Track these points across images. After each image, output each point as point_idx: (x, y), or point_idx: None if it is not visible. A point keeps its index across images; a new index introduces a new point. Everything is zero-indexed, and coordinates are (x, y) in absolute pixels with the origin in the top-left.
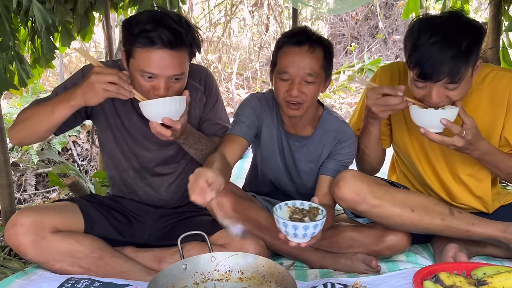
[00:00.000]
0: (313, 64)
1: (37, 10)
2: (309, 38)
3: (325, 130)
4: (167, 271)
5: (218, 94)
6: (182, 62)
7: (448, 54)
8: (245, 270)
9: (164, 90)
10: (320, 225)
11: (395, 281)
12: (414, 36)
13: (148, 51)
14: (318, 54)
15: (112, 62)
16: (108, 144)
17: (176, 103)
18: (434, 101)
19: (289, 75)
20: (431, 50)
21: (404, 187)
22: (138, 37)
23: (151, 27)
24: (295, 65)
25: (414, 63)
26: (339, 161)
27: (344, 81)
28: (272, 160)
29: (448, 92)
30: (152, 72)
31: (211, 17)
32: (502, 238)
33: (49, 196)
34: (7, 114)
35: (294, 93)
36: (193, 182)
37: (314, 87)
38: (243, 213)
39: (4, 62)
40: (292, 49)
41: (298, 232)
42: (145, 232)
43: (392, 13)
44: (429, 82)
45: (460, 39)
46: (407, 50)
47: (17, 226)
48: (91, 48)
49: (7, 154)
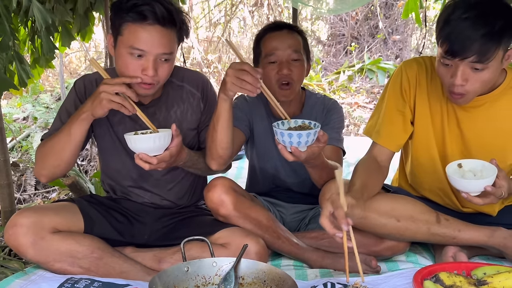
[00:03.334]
0: (295, 43)
1: (37, 10)
2: (286, 25)
3: (311, 106)
4: (170, 270)
5: (216, 102)
6: (171, 40)
7: (480, 31)
8: (246, 276)
9: (152, 70)
10: (312, 135)
11: (395, 281)
12: (448, 10)
13: (138, 26)
14: (296, 36)
15: (113, 70)
16: (105, 154)
17: (158, 139)
18: (458, 82)
19: (276, 57)
20: (462, 25)
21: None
22: (129, 12)
23: (143, 1)
24: (280, 45)
25: (443, 37)
26: (332, 127)
27: (344, 81)
28: (269, 153)
29: (473, 75)
30: (142, 49)
31: (211, 17)
32: (490, 243)
33: (49, 196)
34: (7, 114)
35: (284, 71)
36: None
37: (300, 65)
38: (244, 211)
39: (4, 62)
40: (273, 34)
41: (293, 140)
42: (145, 232)
43: (392, 13)
44: (456, 60)
45: (495, 19)
46: (439, 25)
47: (17, 226)
48: (91, 48)
49: (7, 154)
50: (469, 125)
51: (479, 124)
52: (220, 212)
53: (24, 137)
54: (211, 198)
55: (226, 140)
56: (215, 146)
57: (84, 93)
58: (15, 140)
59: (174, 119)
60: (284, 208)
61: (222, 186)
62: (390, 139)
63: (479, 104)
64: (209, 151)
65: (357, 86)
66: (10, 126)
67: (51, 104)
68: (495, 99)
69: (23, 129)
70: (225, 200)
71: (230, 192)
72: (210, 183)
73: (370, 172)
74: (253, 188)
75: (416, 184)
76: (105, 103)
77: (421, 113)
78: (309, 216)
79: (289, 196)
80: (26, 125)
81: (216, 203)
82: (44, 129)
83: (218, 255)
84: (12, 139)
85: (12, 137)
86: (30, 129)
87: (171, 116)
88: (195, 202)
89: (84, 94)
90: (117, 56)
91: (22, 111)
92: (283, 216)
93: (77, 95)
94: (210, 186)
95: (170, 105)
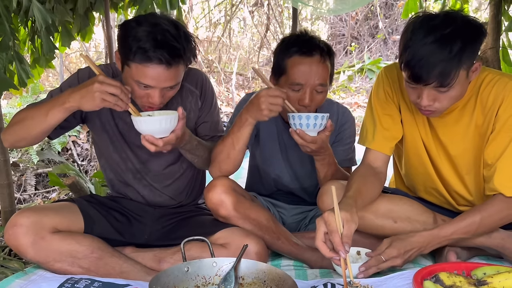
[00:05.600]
0: (324, 74)
1: (37, 10)
2: (319, 47)
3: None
4: (170, 271)
5: (214, 99)
6: (178, 74)
7: (438, 57)
8: (246, 276)
9: (159, 99)
10: (320, 118)
11: (395, 281)
12: (407, 35)
13: (145, 67)
14: (327, 63)
15: (105, 67)
16: (105, 147)
17: (165, 122)
18: (424, 103)
19: (301, 86)
20: (421, 52)
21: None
22: (136, 54)
23: (150, 46)
24: (308, 76)
25: (405, 64)
26: (344, 144)
27: (344, 81)
28: (273, 158)
29: (439, 95)
30: (148, 84)
31: (211, 17)
32: (488, 244)
33: (49, 196)
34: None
35: (306, 102)
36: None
37: (323, 95)
38: (244, 212)
39: (4, 62)
40: (303, 60)
41: (302, 122)
42: (145, 232)
43: (392, 13)
44: (420, 85)
45: (452, 41)
46: (400, 48)
47: (17, 226)
48: (91, 48)
49: (7, 154)
50: (444, 131)
51: (454, 129)
52: (220, 212)
53: None
54: (211, 198)
55: (241, 158)
56: (229, 163)
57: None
58: None
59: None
60: (284, 208)
61: (222, 186)
62: (383, 142)
63: (450, 111)
64: (218, 165)
65: (357, 86)
66: None
67: None
68: (465, 103)
69: None
70: (225, 201)
71: (230, 192)
72: (210, 183)
73: (365, 178)
74: (253, 188)
75: (411, 185)
76: (98, 102)
77: (406, 115)
78: (309, 217)
79: (290, 199)
80: None
81: (216, 204)
82: None
83: (218, 255)
84: None
85: None
86: None
87: None
88: (194, 200)
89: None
90: (124, 78)
91: None
92: (283, 216)
93: (78, 83)
94: (210, 186)
95: (170, 103)
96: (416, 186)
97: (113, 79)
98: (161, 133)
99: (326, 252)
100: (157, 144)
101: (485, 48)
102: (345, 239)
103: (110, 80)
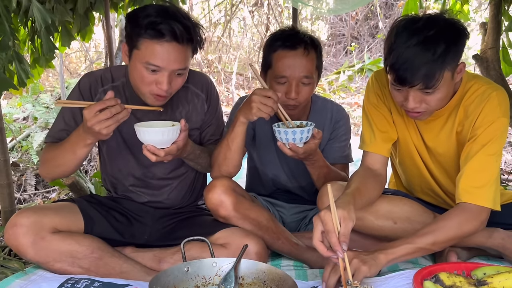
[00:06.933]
0: (309, 66)
1: (36, 10)
2: (302, 40)
3: (318, 112)
4: (170, 271)
5: (219, 102)
6: (186, 56)
7: (423, 59)
8: (246, 276)
9: (167, 84)
10: (306, 132)
11: (395, 281)
12: (391, 39)
13: (155, 43)
14: (312, 55)
15: (104, 72)
16: (109, 152)
17: (167, 133)
18: (411, 106)
19: (286, 79)
20: (405, 55)
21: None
22: (147, 29)
23: (161, 19)
24: (292, 69)
25: (389, 66)
26: (340, 141)
27: (344, 81)
28: (269, 158)
29: (425, 97)
30: (158, 65)
31: (211, 17)
32: (489, 244)
33: (49, 196)
34: (7, 114)
35: (292, 95)
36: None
37: (310, 87)
38: (243, 212)
39: (4, 62)
40: (287, 53)
41: (289, 137)
42: (145, 232)
43: (392, 13)
44: (406, 87)
45: (436, 43)
46: (384, 51)
47: (17, 226)
48: (91, 48)
49: (7, 154)
50: (430, 136)
51: (439, 135)
52: (219, 212)
53: (24, 137)
54: (210, 198)
55: (238, 158)
56: (227, 163)
57: (89, 90)
58: (15, 140)
59: (179, 119)
60: (284, 208)
61: (221, 187)
62: (380, 144)
63: (436, 117)
64: (219, 167)
65: (357, 86)
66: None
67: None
68: (451, 109)
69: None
70: (224, 201)
71: (230, 192)
72: (210, 183)
73: (365, 179)
74: (253, 189)
75: (408, 186)
76: (106, 132)
77: (397, 119)
78: (309, 216)
79: (290, 198)
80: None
81: (215, 204)
82: (44, 129)
83: (218, 255)
84: (12, 139)
85: (12, 137)
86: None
87: (177, 116)
88: (195, 201)
89: (89, 92)
90: (131, 67)
91: (22, 111)
92: (283, 216)
93: (81, 93)
94: (210, 186)
95: (176, 106)
96: (413, 187)
97: (96, 106)
98: (163, 143)
99: (324, 252)
100: (158, 154)
101: (485, 48)
102: (342, 238)
103: (105, 113)
